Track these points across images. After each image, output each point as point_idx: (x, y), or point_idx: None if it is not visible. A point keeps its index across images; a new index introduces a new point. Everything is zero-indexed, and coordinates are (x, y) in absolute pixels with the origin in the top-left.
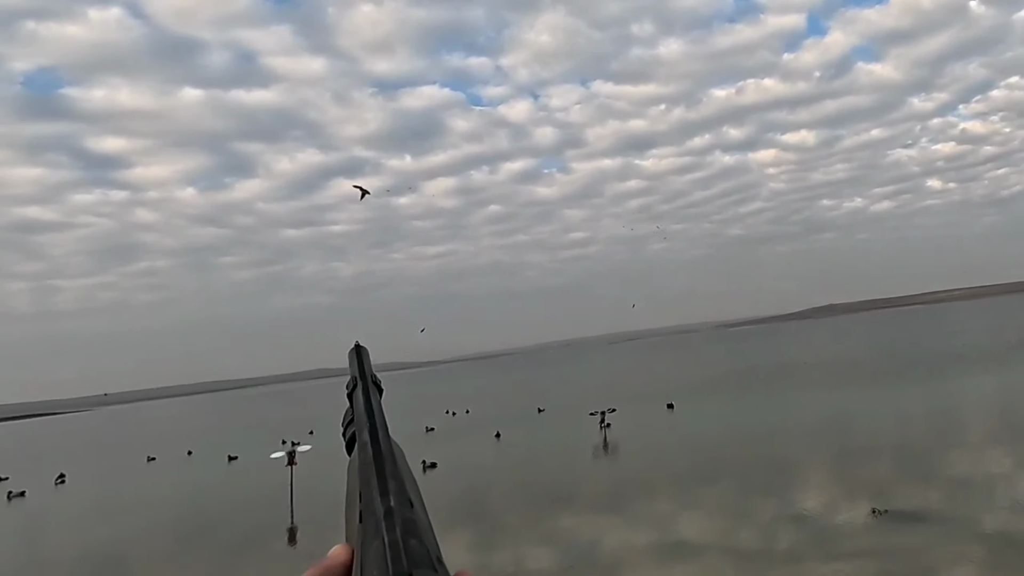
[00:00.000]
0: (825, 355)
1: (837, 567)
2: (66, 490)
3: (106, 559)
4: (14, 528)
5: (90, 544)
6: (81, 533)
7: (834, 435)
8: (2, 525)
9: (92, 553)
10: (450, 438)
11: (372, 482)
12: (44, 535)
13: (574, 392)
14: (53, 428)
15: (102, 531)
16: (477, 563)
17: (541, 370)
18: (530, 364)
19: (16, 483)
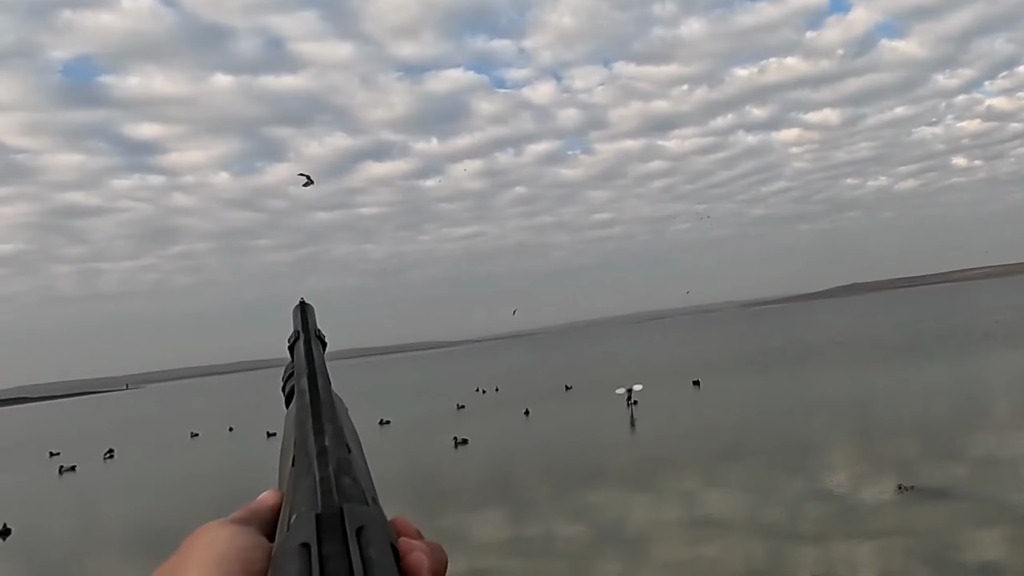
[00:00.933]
0: (850, 334)
1: (864, 543)
2: (115, 464)
3: (154, 529)
4: (67, 500)
5: (139, 515)
6: (130, 505)
7: (860, 412)
8: (56, 498)
9: (141, 523)
10: (480, 415)
11: (307, 424)
12: (95, 507)
13: (601, 370)
14: (100, 406)
15: (150, 503)
16: (507, 537)
17: (568, 349)
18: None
19: (67, 458)
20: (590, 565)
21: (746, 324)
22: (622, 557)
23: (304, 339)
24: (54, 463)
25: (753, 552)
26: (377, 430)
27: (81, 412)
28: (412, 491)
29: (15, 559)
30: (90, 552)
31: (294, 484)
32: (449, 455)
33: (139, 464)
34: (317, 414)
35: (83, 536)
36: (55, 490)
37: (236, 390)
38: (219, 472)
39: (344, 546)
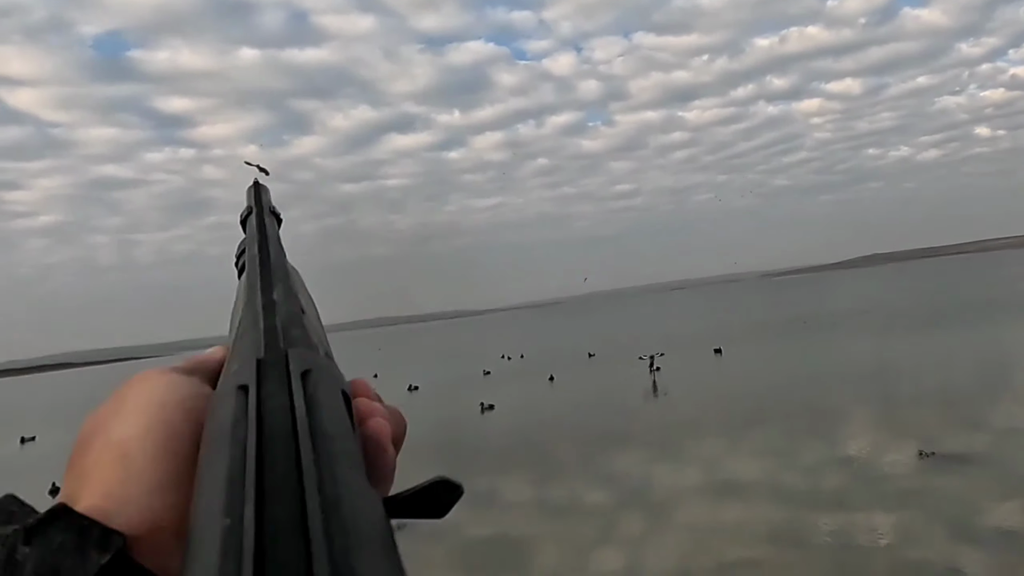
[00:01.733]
0: (871, 303)
1: (885, 507)
2: None
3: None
4: None
5: None
6: None
7: (881, 380)
8: None
9: None
10: (506, 381)
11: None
12: None
13: (623, 338)
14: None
15: None
16: (534, 499)
17: (590, 317)
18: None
19: None
20: (615, 527)
21: (767, 294)
22: (646, 519)
23: (256, 212)
24: None
25: (774, 516)
26: (406, 395)
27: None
28: (441, 454)
29: None
30: None
31: (239, 337)
32: (476, 420)
33: None
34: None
35: None
36: None
37: None
38: None
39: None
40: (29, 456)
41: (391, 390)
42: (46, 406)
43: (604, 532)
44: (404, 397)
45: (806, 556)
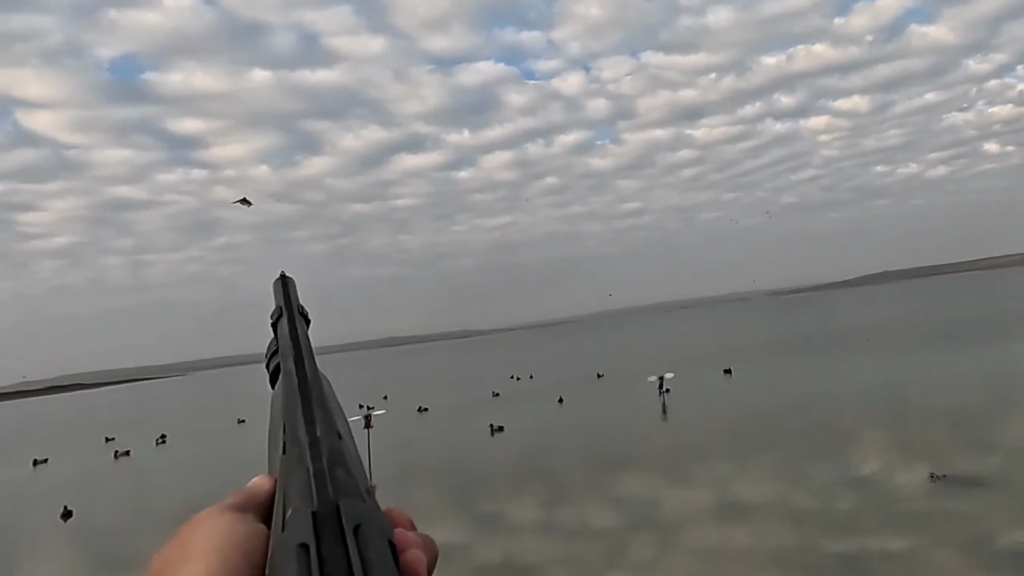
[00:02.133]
0: (880, 321)
1: (896, 531)
2: (167, 449)
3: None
4: (123, 484)
5: (189, 499)
6: (181, 488)
7: (891, 400)
8: (112, 481)
9: (191, 507)
10: (515, 402)
11: (297, 412)
12: (148, 490)
13: (632, 358)
14: (151, 392)
15: (200, 486)
16: (543, 522)
17: (600, 337)
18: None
19: (122, 443)
20: (624, 550)
21: (776, 312)
22: (655, 542)
23: (288, 316)
24: (110, 448)
25: (784, 540)
26: (416, 417)
27: (133, 399)
28: (450, 476)
29: (77, 539)
30: (143, 534)
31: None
32: (486, 442)
33: (189, 449)
34: (307, 400)
35: (137, 518)
36: (111, 474)
37: None
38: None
39: (343, 546)
40: (41, 478)
41: (401, 412)
42: (58, 428)
43: (613, 556)
44: (414, 419)
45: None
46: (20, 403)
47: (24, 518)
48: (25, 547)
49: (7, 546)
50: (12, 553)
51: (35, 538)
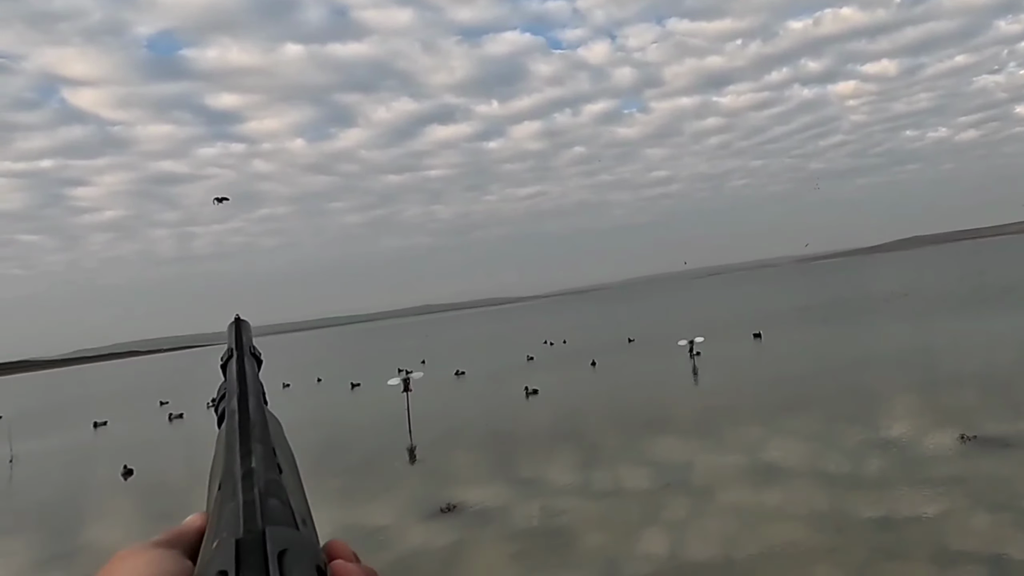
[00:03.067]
0: (911, 286)
1: (926, 492)
2: None
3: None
4: (177, 445)
5: None
6: None
7: (922, 363)
8: (168, 442)
9: None
10: (549, 367)
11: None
12: (202, 451)
13: (662, 323)
14: (201, 359)
15: None
16: (578, 483)
17: (629, 304)
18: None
19: (175, 407)
20: (658, 510)
21: (806, 278)
22: (688, 503)
23: (237, 357)
24: (164, 411)
25: (815, 500)
26: (453, 380)
27: (184, 365)
28: (487, 438)
29: (140, 496)
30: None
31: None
32: (521, 404)
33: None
34: (245, 435)
35: (192, 477)
36: (167, 435)
37: (320, 344)
38: (310, 420)
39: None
40: (102, 439)
41: (439, 376)
42: (114, 393)
43: (647, 515)
44: (451, 382)
45: (847, 539)
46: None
47: (88, 477)
48: (91, 504)
49: (75, 502)
50: (80, 509)
51: (99, 495)
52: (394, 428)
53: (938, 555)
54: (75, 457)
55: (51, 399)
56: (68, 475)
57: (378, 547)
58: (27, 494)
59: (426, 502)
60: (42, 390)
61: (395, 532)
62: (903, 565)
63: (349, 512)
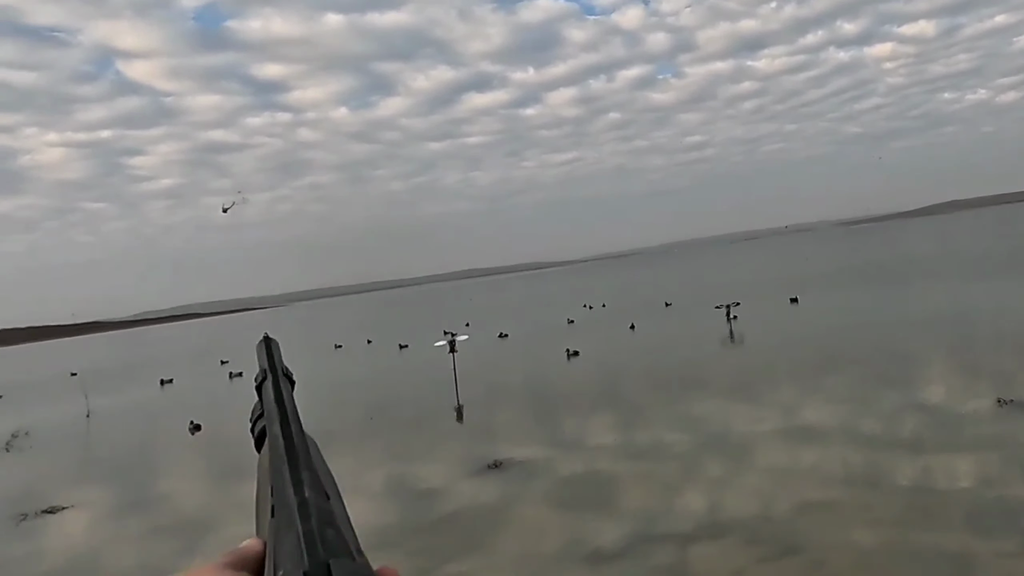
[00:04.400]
0: (949, 250)
1: (962, 453)
2: None
3: (308, 426)
4: (237, 401)
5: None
6: None
7: (959, 327)
8: (230, 399)
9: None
10: (589, 329)
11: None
12: None
13: (699, 287)
14: (257, 321)
15: (305, 404)
16: (619, 441)
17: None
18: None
19: (235, 366)
20: (696, 468)
21: (842, 243)
22: (725, 462)
23: (273, 379)
24: (225, 370)
25: (851, 460)
26: (497, 342)
27: (241, 326)
28: (530, 398)
29: (207, 450)
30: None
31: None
32: (563, 365)
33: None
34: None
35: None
36: (228, 392)
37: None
38: (362, 379)
39: None
40: (169, 396)
41: (483, 338)
42: (178, 353)
43: (686, 473)
44: (495, 344)
45: (883, 498)
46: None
47: (158, 431)
48: (163, 457)
49: (148, 455)
50: (152, 462)
51: (169, 449)
52: (441, 388)
53: (972, 517)
54: (145, 412)
55: (120, 358)
56: (140, 429)
57: (429, 502)
58: (104, 447)
59: (474, 459)
60: (111, 350)
61: (445, 487)
62: (938, 525)
63: (402, 468)
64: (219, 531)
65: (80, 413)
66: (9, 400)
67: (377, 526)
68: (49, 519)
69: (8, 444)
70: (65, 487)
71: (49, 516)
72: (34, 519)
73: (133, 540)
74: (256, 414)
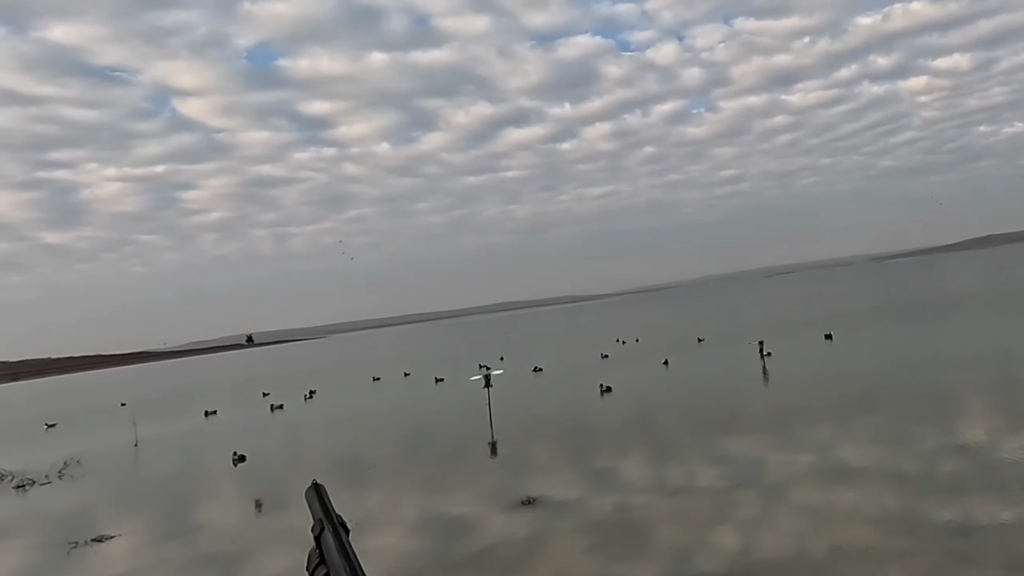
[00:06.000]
0: (987, 286)
1: (1001, 497)
2: (314, 404)
3: (348, 458)
4: (278, 433)
5: (335, 446)
6: (328, 438)
7: (999, 366)
8: (270, 430)
9: (337, 453)
10: (623, 365)
11: None
12: (302, 439)
13: (733, 322)
14: (297, 352)
15: (344, 437)
16: (652, 479)
17: (701, 303)
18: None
19: (276, 398)
20: (729, 508)
21: (878, 277)
22: (759, 501)
23: (332, 530)
24: (266, 402)
25: (888, 502)
26: (531, 376)
27: (282, 357)
28: (564, 433)
29: (250, 481)
30: (301, 475)
31: None
32: (596, 401)
33: (334, 403)
34: None
35: (295, 462)
36: (270, 424)
37: (406, 340)
38: (398, 412)
39: None
40: (213, 427)
41: (518, 372)
42: (223, 383)
43: (719, 512)
44: (530, 378)
45: (921, 543)
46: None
47: (203, 462)
48: (207, 487)
49: (192, 485)
50: (196, 492)
51: (213, 479)
52: (476, 422)
53: (1013, 563)
54: (191, 442)
55: (168, 388)
56: (185, 459)
57: (463, 536)
58: (151, 476)
59: (507, 494)
60: (159, 379)
61: (479, 522)
62: (976, 571)
63: (436, 501)
64: (259, 562)
65: (129, 442)
66: (63, 428)
67: (409, 559)
68: (98, 548)
69: (61, 472)
70: (114, 516)
71: (98, 545)
72: (83, 547)
73: (177, 570)
74: (314, 563)
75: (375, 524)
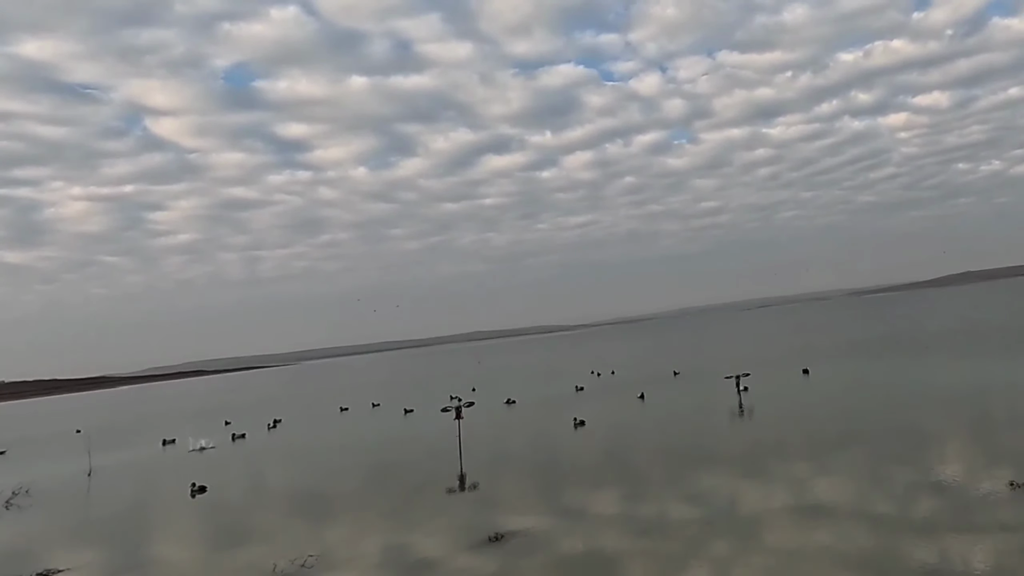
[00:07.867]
0: (963, 323)
1: (974, 538)
2: (278, 433)
3: (310, 490)
4: (242, 464)
5: (298, 478)
6: (291, 469)
7: (973, 404)
8: (232, 461)
9: (300, 486)
10: (598, 397)
11: None
12: (264, 471)
13: (710, 356)
14: (262, 380)
15: (308, 468)
16: (624, 515)
17: (678, 334)
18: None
19: (238, 427)
20: (701, 546)
21: (856, 312)
22: (733, 540)
23: None
24: (227, 431)
25: (862, 541)
26: (504, 409)
27: (246, 384)
28: (536, 467)
29: (209, 513)
30: (262, 508)
31: None
32: (569, 435)
33: (299, 433)
34: None
35: (256, 495)
36: (231, 454)
37: (376, 368)
38: (365, 443)
39: None
40: (171, 456)
41: (490, 403)
42: (182, 411)
43: (691, 550)
44: (502, 410)
45: None
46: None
47: (159, 492)
48: (161, 519)
49: (146, 517)
50: (150, 524)
51: (168, 511)
52: (445, 454)
53: None
54: (147, 472)
55: (124, 415)
56: (141, 489)
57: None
58: (103, 507)
59: (475, 530)
60: (116, 406)
61: (443, 560)
62: None
63: (400, 537)
64: None
65: (83, 471)
66: (12, 456)
67: None
68: None
69: (8, 502)
70: (63, 549)
71: None
72: None
73: None
74: None
75: (335, 562)
